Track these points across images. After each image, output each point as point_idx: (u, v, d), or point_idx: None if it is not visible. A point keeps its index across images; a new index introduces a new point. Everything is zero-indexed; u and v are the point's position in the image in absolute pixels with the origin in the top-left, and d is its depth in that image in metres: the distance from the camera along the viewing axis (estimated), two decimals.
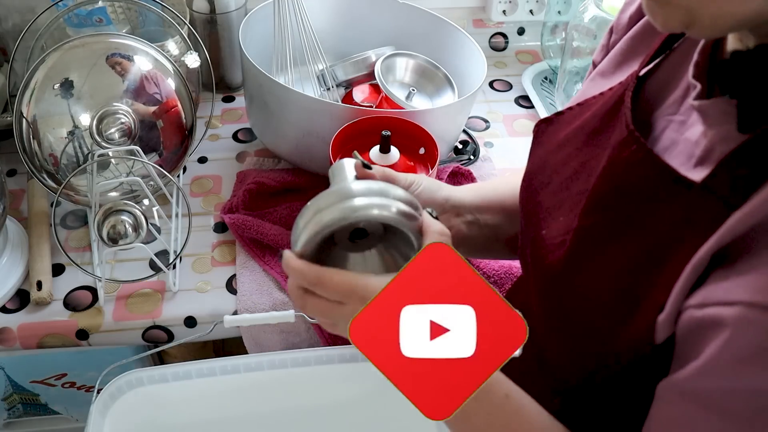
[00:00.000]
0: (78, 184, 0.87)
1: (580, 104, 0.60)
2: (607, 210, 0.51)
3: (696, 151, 0.47)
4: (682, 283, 0.44)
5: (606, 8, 0.98)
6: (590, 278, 0.50)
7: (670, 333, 0.45)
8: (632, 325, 0.46)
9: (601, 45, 0.66)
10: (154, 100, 0.87)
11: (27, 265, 0.86)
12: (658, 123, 0.52)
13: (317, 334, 0.84)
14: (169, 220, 0.90)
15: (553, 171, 0.59)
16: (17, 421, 1.04)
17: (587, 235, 0.51)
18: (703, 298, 0.43)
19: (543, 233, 0.56)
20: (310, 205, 0.50)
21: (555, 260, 0.53)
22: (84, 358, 0.92)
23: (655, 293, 0.45)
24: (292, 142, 0.96)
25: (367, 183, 0.51)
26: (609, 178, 0.51)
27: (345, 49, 1.08)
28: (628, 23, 0.61)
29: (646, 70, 0.55)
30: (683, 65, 0.52)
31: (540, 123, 0.64)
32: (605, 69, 0.62)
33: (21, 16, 1.02)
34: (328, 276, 0.50)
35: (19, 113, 0.84)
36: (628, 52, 0.60)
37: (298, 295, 0.53)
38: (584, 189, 0.53)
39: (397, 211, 0.50)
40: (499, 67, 1.28)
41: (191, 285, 0.86)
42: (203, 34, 1.10)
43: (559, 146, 0.59)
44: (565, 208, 0.55)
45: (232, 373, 0.79)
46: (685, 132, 0.49)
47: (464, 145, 1.08)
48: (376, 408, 0.84)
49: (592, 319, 0.50)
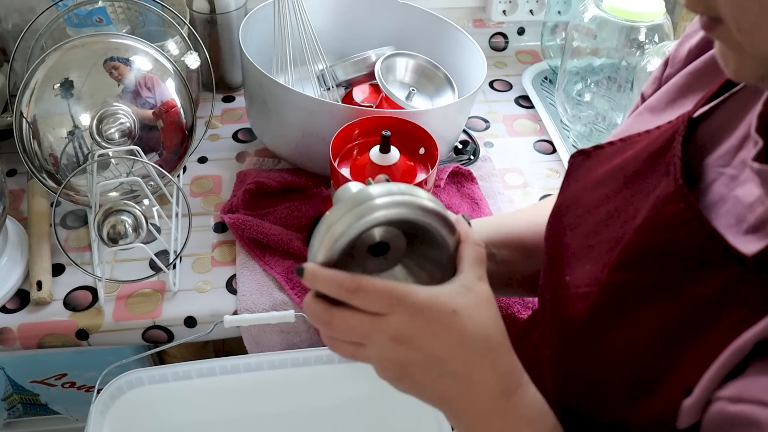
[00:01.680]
0: (78, 184, 0.87)
1: (623, 140, 0.55)
2: (641, 269, 0.45)
3: (749, 216, 0.42)
4: (717, 369, 0.39)
5: (606, 8, 0.98)
6: (613, 341, 0.46)
7: (696, 421, 0.40)
8: (653, 402, 0.42)
9: (653, 77, 0.60)
10: (149, 105, 0.87)
11: (27, 265, 0.86)
12: (707, 173, 0.47)
13: (317, 334, 0.84)
14: (169, 220, 0.90)
15: (586, 211, 0.53)
16: (17, 421, 1.04)
17: (616, 293, 0.47)
18: (739, 392, 0.38)
19: (566, 279, 0.51)
20: (325, 218, 0.45)
21: (577, 314, 0.49)
22: (84, 358, 0.92)
23: (682, 372, 0.41)
24: (292, 142, 0.96)
25: (386, 185, 0.45)
26: (648, 235, 0.45)
27: (345, 49, 1.08)
28: (687, 57, 0.55)
29: (701, 113, 0.50)
30: (743, 112, 0.47)
31: (576, 155, 0.58)
32: (655, 105, 0.56)
33: (21, 16, 1.02)
34: (370, 282, 0.44)
35: (19, 113, 0.84)
36: (684, 89, 0.54)
37: (322, 309, 0.45)
38: (616, 237, 0.48)
39: (424, 207, 0.44)
40: (499, 67, 1.28)
41: (191, 285, 0.86)
42: (203, 34, 1.10)
43: (594, 184, 0.54)
44: (592, 256, 0.50)
45: (232, 373, 0.79)
46: (735, 188, 0.44)
47: (464, 145, 1.08)
48: (376, 408, 0.84)
49: (609, 386, 0.46)
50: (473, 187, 1.00)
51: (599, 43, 1.01)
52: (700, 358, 0.40)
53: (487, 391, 0.45)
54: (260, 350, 0.85)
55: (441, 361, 0.44)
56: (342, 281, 0.44)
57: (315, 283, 0.44)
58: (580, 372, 0.49)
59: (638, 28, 0.98)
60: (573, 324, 0.49)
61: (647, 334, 0.44)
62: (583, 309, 0.48)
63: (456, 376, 0.45)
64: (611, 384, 0.46)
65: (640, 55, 0.99)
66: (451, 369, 0.44)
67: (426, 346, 0.44)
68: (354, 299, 0.44)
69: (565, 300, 0.51)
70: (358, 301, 0.44)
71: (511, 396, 0.46)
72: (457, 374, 0.45)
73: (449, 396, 0.46)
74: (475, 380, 0.45)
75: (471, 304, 0.45)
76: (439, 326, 0.44)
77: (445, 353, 0.44)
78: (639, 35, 0.99)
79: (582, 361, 0.48)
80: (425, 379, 0.45)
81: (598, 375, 0.47)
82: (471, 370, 0.45)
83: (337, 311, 0.45)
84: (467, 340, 0.44)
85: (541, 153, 1.10)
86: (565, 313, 0.50)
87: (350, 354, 0.47)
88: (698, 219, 0.42)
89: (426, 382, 0.45)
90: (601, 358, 0.47)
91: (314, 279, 0.44)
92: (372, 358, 0.46)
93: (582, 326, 0.48)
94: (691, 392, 0.40)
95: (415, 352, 0.44)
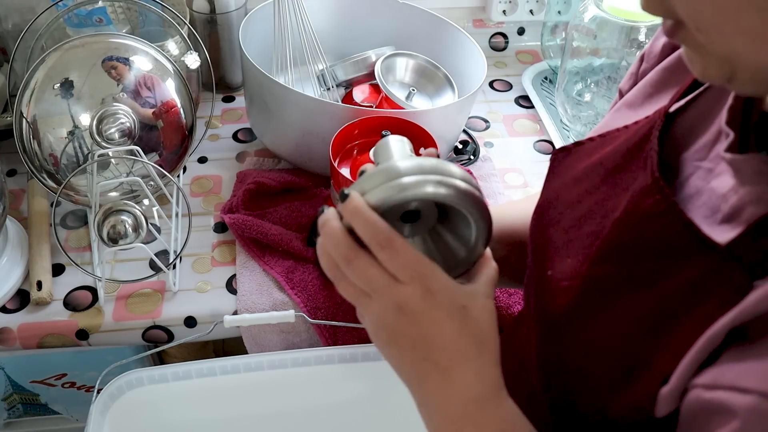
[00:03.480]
0: (78, 184, 0.87)
1: (602, 136, 0.55)
2: (619, 262, 0.46)
3: (723, 206, 0.43)
4: (692, 357, 0.40)
5: (606, 8, 0.98)
6: (593, 333, 0.47)
7: (673, 409, 0.41)
8: (631, 391, 0.43)
9: (629, 73, 0.61)
10: (149, 105, 0.87)
11: (27, 265, 0.86)
12: (684, 167, 0.47)
13: (317, 334, 0.84)
14: (169, 220, 0.90)
15: (567, 206, 0.54)
16: (17, 421, 1.04)
17: (595, 286, 0.47)
18: (714, 379, 0.39)
19: (549, 274, 0.52)
20: (393, 163, 0.44)
21: (559, 307, 0.50)
22: (84, 358, 0.92)
23: (659, 360, 0.42)
24: (292, 142, 0.96)
25: (419, 159, 0.45)
26: (625, 228, 0.46)
27: (345, 49, 1.08)
28: (661, 52, 0.56)
29: (677, 107, 0.51)
30: (717, 106, 0.48)
31: (557, 152, 0.59)
32: (633, 100, 0.57)
33: (21, 16, 1.02)
34: (403, 246, 0.43)
35: (19, 113, 0.84)
36: (660, 84, 0.55)
37: (348, 245, 0.44)
38: (596, 231, 0.49)
39: (456, 188, 0.44)
40: (499, 67, 1.28)
41: (191, 285, 0.86)
42: (203, 34, 1.10)
43: (575, 180, 0.55)
44: (573, 249, 0.51)
45: (232, 373, 0.79)
46: (711, 181, 0.45)
47: (464, 145, 1.08)
48: (376, 408, 0.84)
49: (588, 375, 0.47)
50: None
51: (599, 43, 1.01)
52: (676, 347, 0.41)
53: (462, 394, 0.46)
54: (260, 350, 0.85)
55: (430, 347, 0.45)
56: (380, 230, 0.43)
57: (353, 216, 0.43)
58: (563, 365, 0.49)
59: (638, 28, 0.98)
60: (555, 318, 0.50)
61: (626, 324, 0.44)
62: (565, 303, 0.49)
63: (438, 366, 0.45)
64: (592, 375, 0.46)
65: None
66: (436, 358, 0.45)
67: (424, 326, 0.45)
68: (381, 253, 0.43)
69: (548, 294, 0.52)
70: (384, 256, 0.43)
71: (486, 405, 0.46)
72: (439, 365, 0.45)
73: (424, 383, 0.47)
74: (455, 379, 0.46)
75: (480, 308, 0.46)
76: (443, 314, 0.44)
77: (437, 341, 0.45)
78: (639, 35, 0.99)
79: (564, 354, 0.49)
80: (409, 355, 0.46)
81: (579, 367, 0.48)
82: (454, 367, 0.45)
83: (362, 253, 0.44)
84: (463, 339, 0.45)
85: (541, 153, 1.10)
86: (548, 307, 0.51)
87: (352, 297, 0.47)
88: (673, 210, 0.43)
89: (409, 358, 0.46)
90: (583, 350, 0.47)
91: (355, 212, 0.43)
92: (371, 314, 0.46)
93: (564, 320, 0.49)
94: (668, 380, 0.40)
95: (412, 327, 0.45)
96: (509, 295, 0.86)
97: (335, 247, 0.44)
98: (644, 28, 0.98)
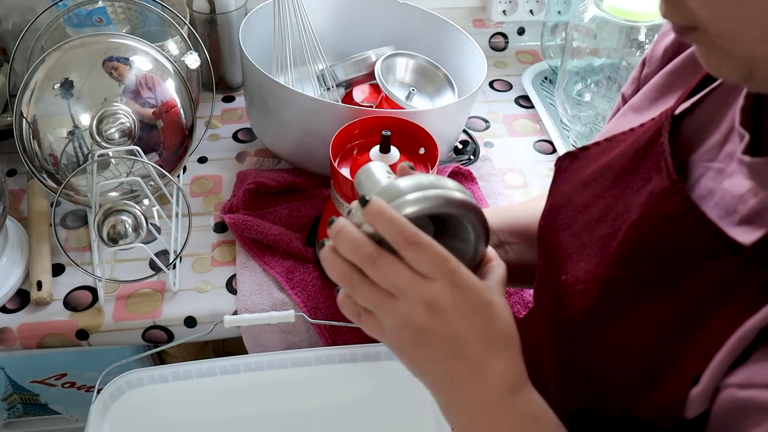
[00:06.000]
0: (78, 184, 0.87)
1: (608, 140, 0.55)
2: (638, 264, 0.46)
3: (740, 207, 0.43)
4: (723, 356, 0.40)
5: (606, 8, 0.98)
6: (616, 337, 0.47)
7: (704, 409, 0.41)
8: (660, 393, 0.43)
9: (632, 77, 0.61)
10: (149, 105, 0.87)
11: (27, 265, 0.86)
12: (694, 169, 0.48)
13: (317, 334, 0.84)
14: (169, 220, 0.90)
15: (576, 211, 0.54)
16: (17, 421, 1.04)
17: (614, 289, 0.47)
18: (747, 378, 0.39)
19: (563, 278, 0.52)
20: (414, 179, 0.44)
21: (577, 311, 0.50)
22: (84, 358, 0.92)
23: (688, 362, 0.42)
24: (292, 142, 0.96)
25: (415, 177, 0.45)
26: (644, 230, 0.46)
27: (345, 49, 1.08)
28: (663, 56, 0.56)
29: (683, 109, 0.51)
30: (725, 107, 0.48)
31: (563, 158, 0.59)
32: (638, 104, 0.57)
33: (21, 16, 1.02)
34: (430, 242, 0.42)
35: (19, 113, 0.84)
36: (665, 88, 0.55)
37: (370, 245, 0.43)
38: (609, 234, 0.49)
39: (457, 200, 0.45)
40: (499, 67, 1.28)
41: (191, 285, 0.86)
42: (203, 34, 1.10)
43: (583, 185, 0.55)
44: (586, 254, 0.51)
45: (232, 373, 0.79)
46: (723, 181, 0.45)
47: (464, 145, 1.08)
48: (376, 408, 0.84)
49: (614, 380, 0.46)
50: (473, 188, 1.00)
51: (599, 43, 1.01)
52: (704, 348, 0.41)
53: (495, 384, 0.46)
54: (260, 350, 0.85)
55: (462, 342, 0.45)
56: (407, 228, 0.42)
57: (377, 217, 0.42)
58: (585, 368, 0.49)
59: (638, 28, 0.98)
60: (574, 322, 0.50)
61: (650, 327, 0.44)
62: (583, 306, 0.49)
63: (469, 361, 0.45)
64: (616, 378, 0.46)
65: (640, 55, 0.99)
66: (468, 353, 0.45)
67: (454, 322, 0.44)
68: (409, 251, 0.42)
69: (564, 299, 0.51)
70: (412, 254, 0.42)
71: (517, 393, 0.47)
72: (471, 359, 0.45)
73: (455, 379, 0.46)
74: (487, 371, 0.45)
75: (502, 304, 0.46)
76: (473, 309, 0.44)
77: (469, 335, 0.45)
78: (639, 35, 0.99)
79: (586, 358, 0.49)
80: (439, 354, 0.45)
81: (602, 370, 0.47)
82: (485, 360, 0.45)
83: (386, 252, 0.43)
84: (492, 332, 0.45)
85: (541, 153, 1.10)
86: (565, 312, 0.51)
87: (373, 301, 0.45)
88: (694, 212, 0.43)
89: (439, 356, 0.45)
90: (605, 353, 0.47)
91: (379, 214, 0.42)
92: (396, 314, 0.44)
93: (583, 323, 0.49)
94: (699, 381, 0.40)
95: (441, 324, 0.44)
96: (509, 296, 0.86)
97: (356, 249, 0.43)
98: (644, 28, 0.98)
